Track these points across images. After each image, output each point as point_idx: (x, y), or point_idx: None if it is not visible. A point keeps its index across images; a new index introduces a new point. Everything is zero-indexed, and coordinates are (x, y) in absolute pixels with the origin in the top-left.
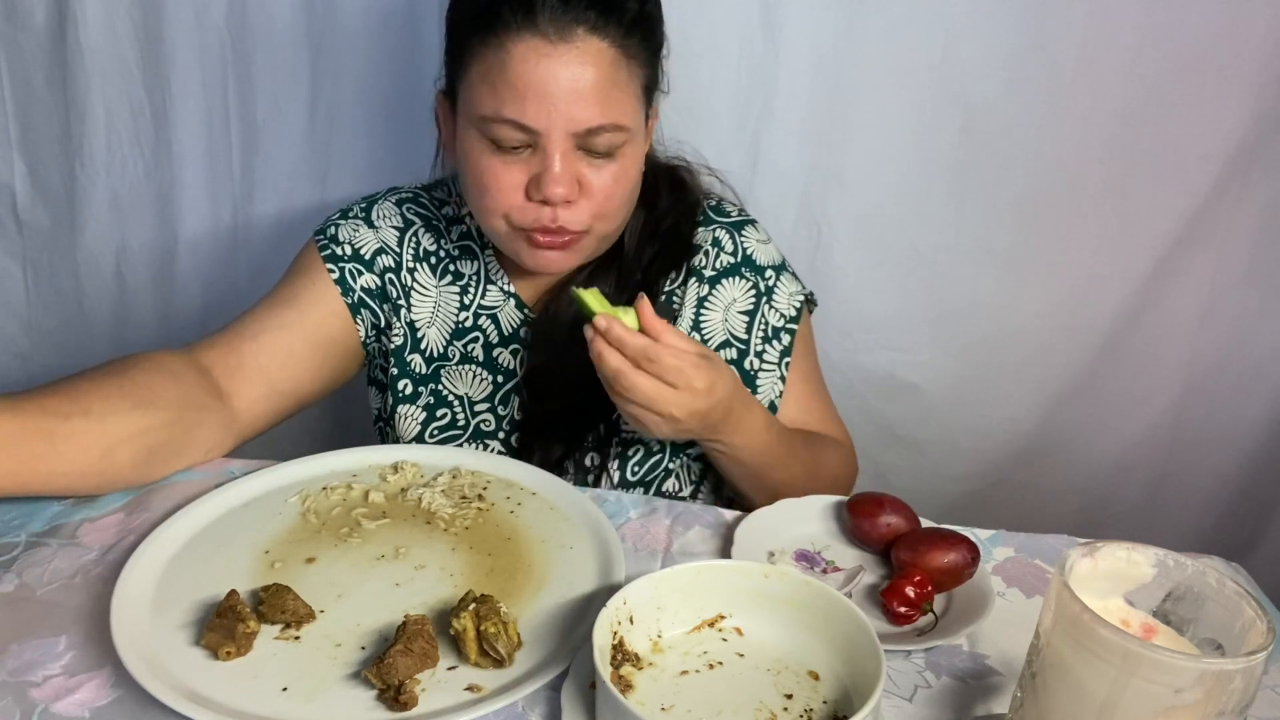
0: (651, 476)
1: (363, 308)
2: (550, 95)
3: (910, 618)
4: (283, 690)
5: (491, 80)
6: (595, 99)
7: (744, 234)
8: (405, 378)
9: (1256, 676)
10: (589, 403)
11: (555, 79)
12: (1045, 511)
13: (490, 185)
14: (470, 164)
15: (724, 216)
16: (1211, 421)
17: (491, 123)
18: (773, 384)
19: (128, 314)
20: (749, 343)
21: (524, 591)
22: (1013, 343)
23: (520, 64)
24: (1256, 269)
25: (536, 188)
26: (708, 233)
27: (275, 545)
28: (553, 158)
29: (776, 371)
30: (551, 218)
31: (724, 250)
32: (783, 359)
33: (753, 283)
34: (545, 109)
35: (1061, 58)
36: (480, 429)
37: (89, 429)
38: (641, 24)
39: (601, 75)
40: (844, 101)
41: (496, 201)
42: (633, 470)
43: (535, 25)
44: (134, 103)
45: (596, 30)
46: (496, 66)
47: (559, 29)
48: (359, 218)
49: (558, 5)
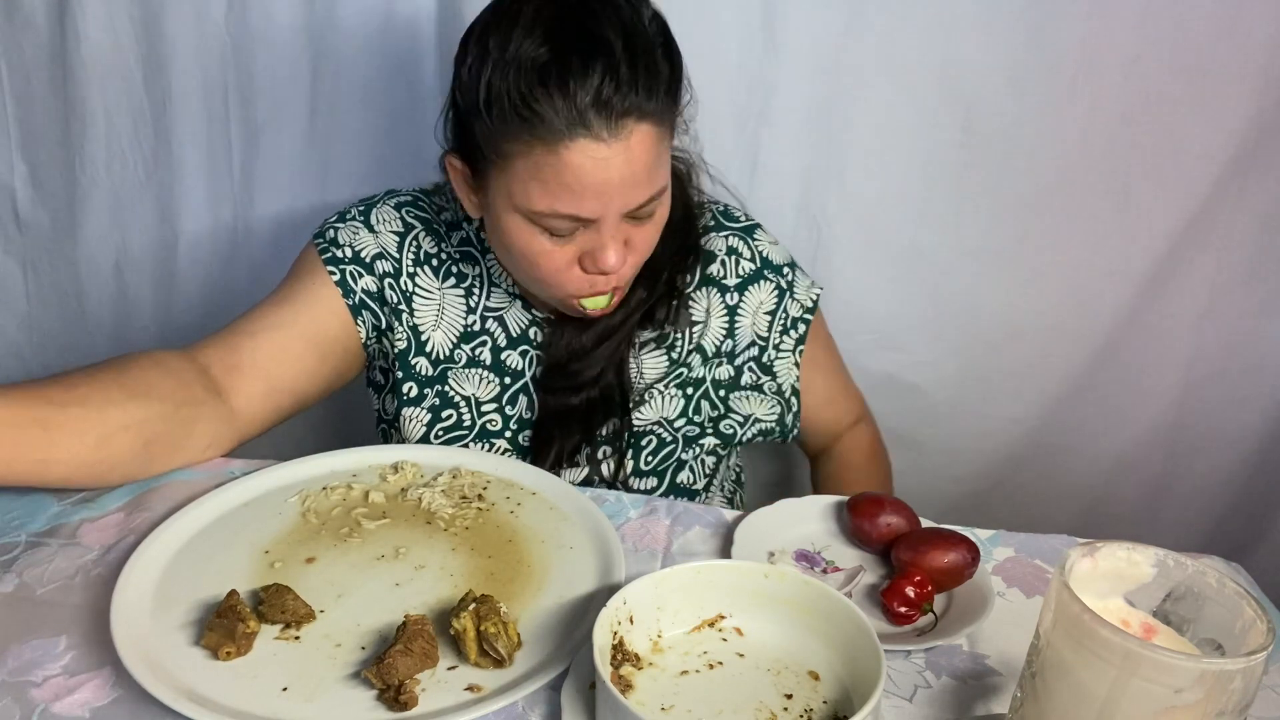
0: (664, 466)
1: (364, 309)
2: (607, 189)
3: (910, 618)
4: (283, 690)
5: (543, 179)
6: (646, 179)
7: (756, 238)
8: (410, 380)
9: (1256, 676)
10: (605, 397)
11: (610, 174)
12: (1045, 511)
13: (544, 265)
14: (518, 246)
15: (734, 222)
16: (1212, 421)
17: (546, 217)
18: (788, 369)
19: (128, 314)
20: (769, 337)
21: (524, 591)
22: (1013, 343)
23: (577, 168)
24: (1256, 269)
25: (592, 262)
26: (721, 240)
27: (275, 545)
28: (607, 236)
29: (791, 358)
30: (605, 282)
31: (742, 257)
32: (797, 346)
33: (775, 283)
34: (602, 202)
35: (1061, 58)
36: (487, 429)
37: (85, 417)
38: (674, 85)
39: (650, 155)
40: (844, 101)
41: (552, 279)
42: (646, 460)
43: (589, 128)
44: (134, 103)
45: (644, 116)
46: (548, 168)
47: (612, 128)
48: (358, 220)
49: (611, 100)
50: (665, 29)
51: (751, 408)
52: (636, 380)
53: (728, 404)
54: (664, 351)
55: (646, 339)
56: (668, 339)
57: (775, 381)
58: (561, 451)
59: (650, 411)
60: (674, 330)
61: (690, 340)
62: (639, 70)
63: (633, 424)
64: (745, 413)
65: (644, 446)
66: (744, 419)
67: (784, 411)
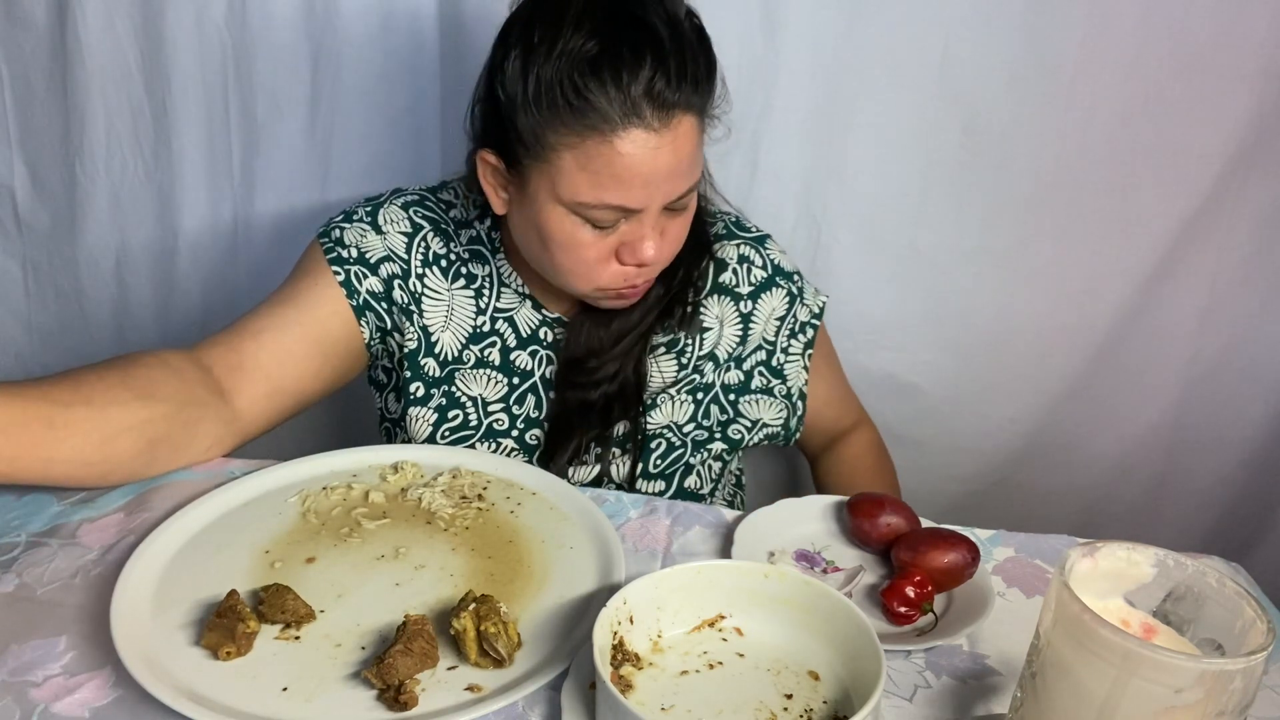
0: (672, 470)
1: (368, 310)
2: (655, 179)
3: (910, 618)
4: (283, 690)
5: (594, 170)
6: (689, 170)
7: (767, 248)
8: (418, 381)
9: (1256, 676)
10: (623, 393)
11: (659, 164)
12: (1045, 511)
13: (586, 258)
14: (559, 239)
15: (746, 232)
16: (1212, 421)
17: (591, 208)
18: (797, 373)
19: (128, 314)
20: (776, 341)
21: (524, 591)
22: (1013, 342)
23: (628, 158)
24: (1256, 269)
25: (630, 253)
26: (733, 248)
27: (275, 545)
28: (648, 228)
29: (800, 361)
30: (639, 275)
31: (754, 265)
32: (805, 351)
33: (786, 289)
34: (649, 192)
35: (1061, 58)
36: (493, 428)
37: (89, 417)
38: (712, 80)
39: (692, 146)
40: (844, 101)
41: (588, 272)
42: (655, 464)
43: (642, 118)
44: (134, 103)
45: (690, 108)
46: (600, 158)
47: (663, 118)
48: (364, 221)
49: (663, 92)
50: (701, 26)
51: (760, 412)
52: (652, 377)
53: (737, 408)
54: (674, 357)
55: (658, 343)
56: (678, 344)
57: (785, 385)
58: (578, 448)
59: (660, 416)
60: (685, 336)
61: (700, 347)
62: (686, 63)
63: (645, 427)
64: (753, 417)
65: (653, 449)
66: (752, 424)
67: (789, 415)
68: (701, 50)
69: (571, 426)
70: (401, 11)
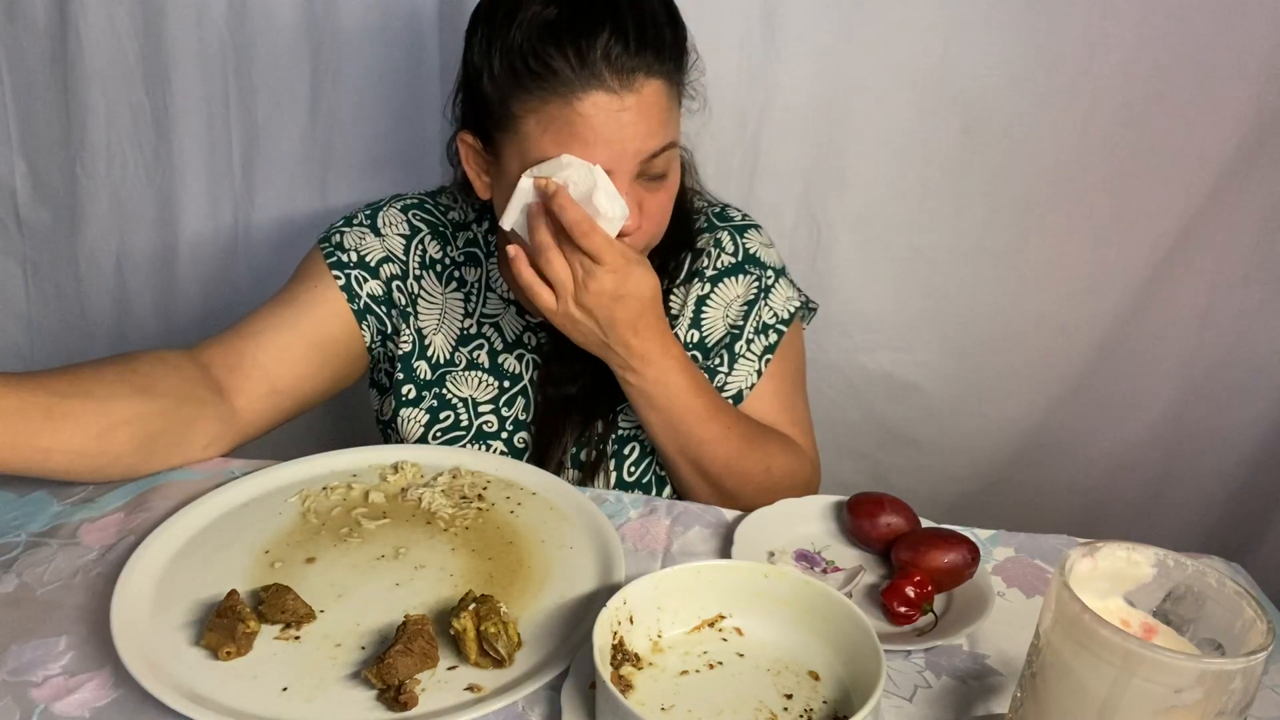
0: (647, 479)
1: (369, 314)
2: (620, 138)
3: (910, 618)
4: (283, 690)
5: (555, 131)
6: (660, 128)
7: (746, 236)
8: (410, 383)
9: (1256, 676)
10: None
11: (622, 126)
12: (1045, 511)
13: None
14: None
15: (728, 221)
16: (1211, 421)
17: None
18: (748, 374)
19: (128, 314)
20: (743, 330)
21: (524, 592)
22: (1013, 342)
23: (591, 119)
24: (1256, 269)
25: None
26: (710, 236)
27: (275, 545)
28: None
29: (755, 365)
30: None
31: (725, 251)
32: (764, 355)
33: (755, 277)
34: (614, 149)
35: (1061, 58)
36: (483, 430)
37: (87, 409)
38: (679, 50)
39: (661, 108)
40: (844, 101)
41: None
42: (629, 471)
43: (601, 80)
44: (134, 103)
45: (653, 73)
46: (560, 120)
47: (623, 80)
48: (364, 225)
49: (621, 57)
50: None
51: None
52: None
53: None
54: None
55: None
56: None
57: (730, 378)
58: (565, 447)
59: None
60: None
61: None
62: (646, 30)
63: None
64: None
65: (626, 456)
66: None
67: None
68: (667, 17)
69: (556, 425)
70: (401, 11)
